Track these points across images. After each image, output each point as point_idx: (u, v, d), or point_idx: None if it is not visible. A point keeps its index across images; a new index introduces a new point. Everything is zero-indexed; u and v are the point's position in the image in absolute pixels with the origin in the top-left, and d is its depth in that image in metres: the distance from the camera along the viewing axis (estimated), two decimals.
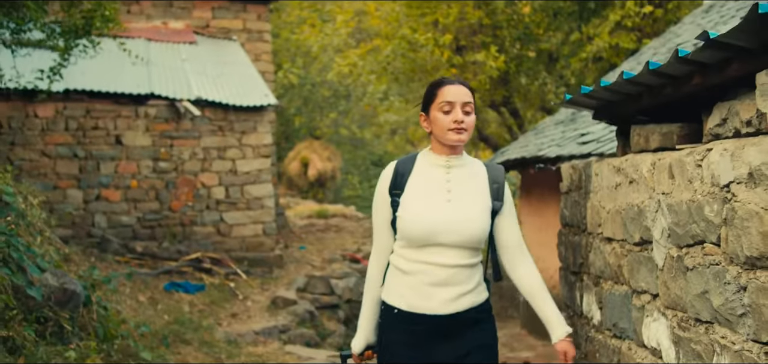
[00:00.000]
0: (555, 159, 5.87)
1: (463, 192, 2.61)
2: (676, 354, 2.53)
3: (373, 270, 2.75)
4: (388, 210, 2.64)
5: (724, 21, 6.92)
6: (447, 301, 2.54)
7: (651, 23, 10.37)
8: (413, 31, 11.51)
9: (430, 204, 2.56)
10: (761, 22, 1.81)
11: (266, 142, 9.87)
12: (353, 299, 9.48)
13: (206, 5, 12.38)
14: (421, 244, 2.54)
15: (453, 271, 2.55)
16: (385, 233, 2.68)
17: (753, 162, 1.99)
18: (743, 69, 2.09)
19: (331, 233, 13.62)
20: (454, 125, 2.50)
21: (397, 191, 2.61)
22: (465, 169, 2.67)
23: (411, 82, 12.69)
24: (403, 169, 2.64)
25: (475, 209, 2.60)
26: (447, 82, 2.60)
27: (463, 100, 2.53)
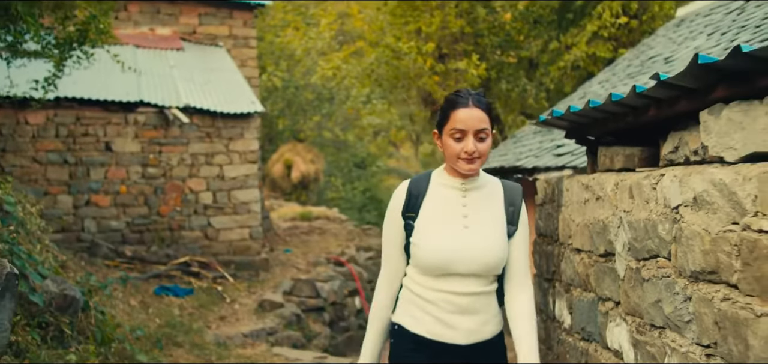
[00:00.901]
0: (532, 170, 6.17)
1: (481, 217, 2.44)
2: (635, 356, 2.82)
3: (382, 297, 2.56)
4: (401, 234, 2.47)
5: (693, 36, 7.26)
6: (469, 331, 2.39)
7: (627, 33, 10.73)
8: (397, 39, 11.79)
9: (447, 233, 2.39)
10: (700, 69, 2.10)
11: (253, 149, 10.09)
12: (338, 302, 9.74)
13: (193, 12, 12.57)
14: (438, 274, 2.39)
15: (472, 298, 2.40)
16: (397, 257, 2.51)
17: (697, 189, 2.28)
18: (690, 106, 2.38)
19: (315, 236, 13.84)
20: (464, 155, 2.33)
21: (411, 214, 2.44)
22: (482, 191, 2.50)
23: (394, 88, 12.97)
24: (418, 190, 2.46)
25: (493, 236, 2.43)
26: (460, 103, 2.35)
27: (476, 128, 2.32)
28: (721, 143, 2.20)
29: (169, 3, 12.35)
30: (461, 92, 2.40)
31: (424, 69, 11.41)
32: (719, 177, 2.13)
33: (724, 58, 1.98)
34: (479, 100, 2.37)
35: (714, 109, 2.25)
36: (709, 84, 2.21)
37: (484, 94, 2.43)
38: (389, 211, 2.51)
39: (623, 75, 7.88)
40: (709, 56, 2.09)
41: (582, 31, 10.85)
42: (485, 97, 2.41)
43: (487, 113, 2.36)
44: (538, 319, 4.34)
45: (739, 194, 2.04)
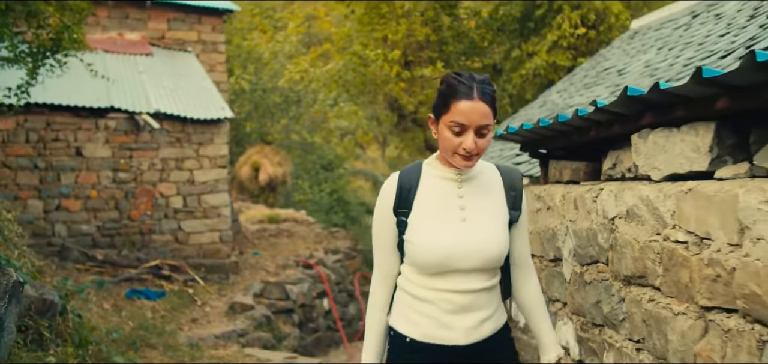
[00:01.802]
0: None
1: (479, 208, 2.23)
2: (579, 352, 3.13)
3: (378, 298, 2.37)
4: (393, 232, 2.25)
5: (644, 49, 7.64)
6: (469, 329, 2.20)
7: (585, 43, 11.13)
8: (364, 46, 12.06)
9: (444, 228, 2.18)
10: (629, 100, 2.41)
11: (223, 153, 10.28)
12: (307, 304, 9.98)
13: (161, 17, 12.68)
14: (436, 272, 2.19)
15: (473, 296, 2.21)
16: (390, 256, 2.31)
17: (629, 203, 2.59)
18: (623, 129, 2.69)
19: (283, 238, 14.03)
20: (462, 152, 2.09)
21: (403, 210, 2.22)
22: (479, 180, 2.27)
23: (361, 94, 13.24)
24: (409, 183, 2.25)
25: (494, 227, 2.22)
26: (462, 94, 2.05)
27: (478, 123, 2.06)
28: (648, 163, 2.52)
29: (138, 8, 12.45)
30: (464, 77, 2.09)
31: (391, 76, 11.69)
32: (646, 193, 2.45)
33: (647, 92, 2.29)
34: (484, 91, 2.08)
35: (642, 133, 2.57)
36: (637, 112, 2.52)
37: (489, 82, 2.14)
38: (378, 209, 2.31)
39: (580, 85, 8.25)
40: (636, 88, 2.40)
41: (543, 40, 11.23)
42: (491, 86, 2.13)
43: (491, 106, 2.10)
44: None
45: (660, 210, 2.36)
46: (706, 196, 2.07)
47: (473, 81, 2.08)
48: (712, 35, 5.88)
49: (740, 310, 1.91)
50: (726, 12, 6.50)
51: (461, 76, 2.11)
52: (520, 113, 9.70)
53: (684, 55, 5.89)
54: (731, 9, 6.44)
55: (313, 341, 9.77)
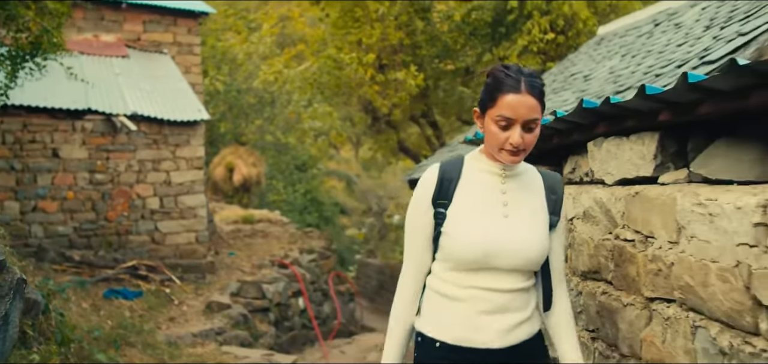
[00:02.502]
0: None
1: (522, 205, 2.16)
2: None
3: (405, 294, 2.26)
4: (430, 224, 2.17)
5: (609, 55, 7.95)
6: (503, 332, 2.09)
7: (554, 48, 11.45)
8: (338, 49, 12.26)
9: (485, 222, 2.10)
10: (585, 111, 2.65)
11: (199, 155, 10.42)
12: (282, 303, 10.16)
13: (137, 19, 12.76)
14: (473, 268, 2.10)
15: (510, 296, 2.11)
16: (424, 250, 2.21)
17: (585, 205, 2.83)
18: (581, 137, 2.94)
19: (258, 239, 14.17)
20: (509, 147, 2.03)
21: (443, 202, 2.14)
22: (522, 178, 2.21)
23: (336, 96, 13.44)
24: (450, 175, 2.17)
25: (536, 227, 2.15)
26: (510, 87, 2.00)
27: (525, 117, 2.00)
28: (602, 169, 2.77)
29: (114, 10, 12.51)
30: (511, 70, 2.04)
31: (365, 79, 11.90)
32: (600, 196, 2.69)
33: (600, 105, 2.54)
34: (532, 84, 2.02)
35: (597, 141, 2.81)
36: (592, 122, 2.77)
37: (538, 75, 2.08)
38: (415, 199, 2.21)
39: (549, 90, 8.54)
40: (591, 101, 2.64)
41: (514, 44, 11.52)
42: (539, 79, 2.07)
43: (540, 100, 2.04)
44: None
45: (612, 211, 2.60)
46: (650, 199, 2.31)
47: (521, 74, 2.02)
48: (671, 44, 6.18)
49: (677, 300, 2.16)
50: (685, 21, 6.82)
51: (509, 68, 2.04)
52: None
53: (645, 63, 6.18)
54: (690, 18, 6.76)
55: (288, 339, 9.96)
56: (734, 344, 1.86)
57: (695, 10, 6.95)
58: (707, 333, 2.00)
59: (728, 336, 1.89)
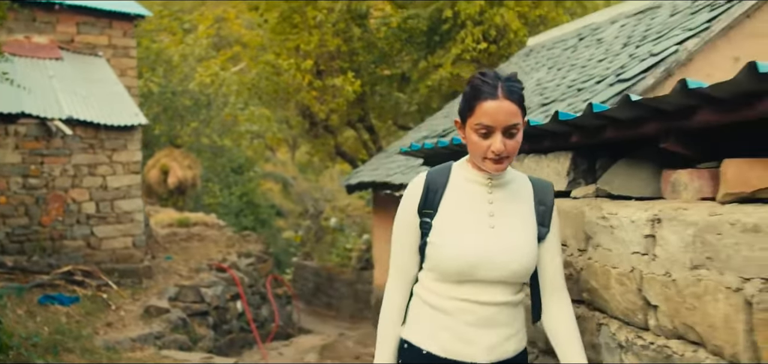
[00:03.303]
0: (399, 186, 7.02)
1: (509, 216, 2.13)
2: None
3: (393, 304, 2.23)
4: (416, 233, 2.16)
5: (537, 67, 8.39)
6: (492, 347, 2.08)
7: (487, 56, 11.90)
8: (277, 55, 12.42)
9: (470, 233, 2.08)
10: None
11: (136, 160, 10.40)
12: (221, 306, 10.25)
13: (70, 20, 12.59)
14: (459, 279, 2.08)
15: (496, 309, 2.09)
16: (410, 260, 2.19)
17: None
18: None
19: (194, 242, 14.13)
20: (491, 155, 2.00)
21: (428, 211, 2.13)
22: (509, 187, 2.18)
23: (274, 101, 13.58)
24: (436, 184, 2.15)
25: (523, 238, 2.12)
26: (487, 94, 1.97)
27: (505, 123, 1.97)
28: None
29: (46, 11, 12.32)
30: (488, 77, 2.01)
31: (303, 84, 12.11)
32: None
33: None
34: (510, 89, 1.99)
35: (520, 157, 3.11)
36: None
37: (516, 79, 2.05)
38: (402, 208, 2.20)
39: None
40: None
41: (448, 53, 11.91)
42: (518, 83, 2.04)
43: (519, 105, 2.01)
44: None
45: None
46: (564, 211, 2.61)
47: (498, 79, 1.99)
48: (592, 60, 6.63)
49: (585, 301, 2.47)
50: (606, 37, 7.28)
51: (485, 75, 2.01)
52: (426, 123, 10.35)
53: (569, 77, 6.61)
54: (610, 35, 7.23)
55: (227, 342, 10.05)
56: (629, 339, 2.16)
57: (615, 27, 7.43)
58: (608, 329, 2.30)
59: (625, 332, 2.20)
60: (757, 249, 1.64)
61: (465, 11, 11.32)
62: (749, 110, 1.74)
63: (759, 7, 4.93)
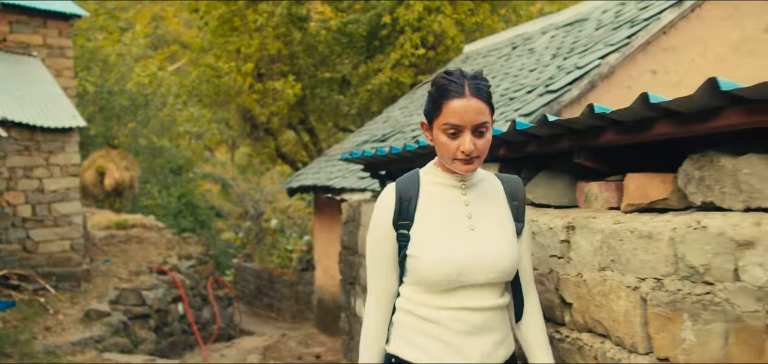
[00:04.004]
0: (340, 190, 7.22)
1: (486, 216, 2.08)
2: None
3: (374, 322, 2.14)
4: (393, 248, 2.06)
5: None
6: (484, 355, 2.02)
7: (425, 62, 12.19)
8: (217, 58, 12.45)
9: (452, 239, 2.01)
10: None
11: (74, 162, 10.31)
12: (162, 309, 10.25)
13: (3, 19, 12.34)
14: (446, 288, 2.00)
15: (488, 314, 2.03)
16: (388, 276, 2.10)
17: None
18: None
19: (133, 245, 14.01)
20: (461, 155, 1.94)
21: (405, 223, 2.04)
22: (482, 186, 2.13)
23: (215, 104, 13.59)
24: (408, 193, 2.07)
25: (504, 236, 2.07)
26: (454, 92, 1.91)
27: (474, 122, 1.91)
28: None
29: None
30: (454, 76, 1.95)
31: (244, 87, 12.17)
32: None
33: None
34: (477, 87, 1.94)
35: None
36: None
37: (482, 77, 1.99)
38: (375, 224, 2.11)
39: (418, 104, 9.19)
40: None
41: (387, 58, 12.16)
42: (484, 81, 1.99)
43: (487, 102, 1.96)
44: (344, 316, 5.36)
45: None
46: None
47: (464, 77, 1.94)
48: (524, 69, 6.96)
49: None
50: (537, 47, 7.64)
51: (451, 73, 1.96)
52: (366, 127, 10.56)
53: (502, 85, 6.93)
54: (541, 45, 7.59)
55: (168, 344, 10.06)
56: (549, 334, 2.42)
57: (546, 38, 7.79)
58: None
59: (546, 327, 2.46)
60: (650, 253, 1.91)
61: (404, 17, 11.58)
62: (645, 133, 2.01)
63: (674, 25, 5.32)
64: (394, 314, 2.12)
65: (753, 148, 1.75)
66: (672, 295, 1.82)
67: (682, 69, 5.40)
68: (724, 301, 1.65)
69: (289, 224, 18.57)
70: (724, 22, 5.49)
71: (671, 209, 2.05)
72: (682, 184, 1.97)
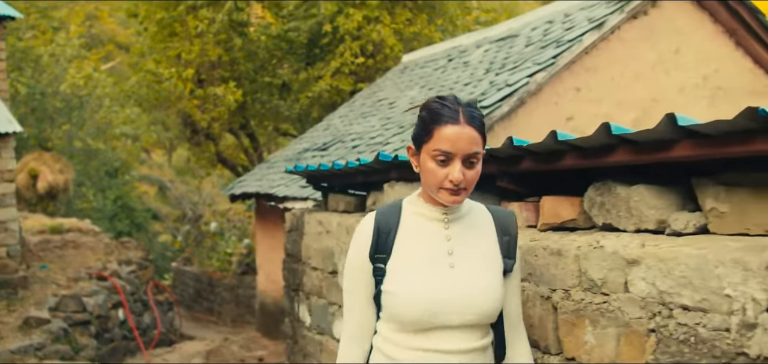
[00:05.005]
0: (282, 198, 7.44)
1: (470, 252, 1.95)
2: None
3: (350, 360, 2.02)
4: (369, 282, 1.96)
5: (411, 85, 9.02)
6: None
7: (364, 70, 12.48)
8: (157, 63, 12.46)
9: (429, 276, 1.89)
10: (380, 162, 3.44)
11: (10, 168, 10.20)
12: (103, 315, 10.24)
13: None
14: (419, 328, 1.88)
15: (464, 357, 1.90)
16: (364, 311, 1.99)
17: None
18: (379, 178, 3.75)
19: (70, 250, 13.83)
20: (449, 185, 1.82)
21: (381, 255, 1.93)
22: (467, 219, 2.00)
23: (155, 109, 13.57)
24: (387, 225, 1.97)
25: (487, 275, 1.94)
26: (448, 118, 1.81)
27: (466, 151, 1.81)
28: None
29: None
30: (448, 101, 1.87)
31: (185, 93, 12.22)
32: None
33: (392, 160, 3.35)
34: (472, 115, 1.85)
35: (392, 183, 3.63)
36: (386, 168, 3.58)
37: (476, 105, 1.92)
38: (352, 255, 2.01)
39: (358, 113, 9.47)
40: (385, 154, 3.45)
41: (327, 65, 12.40)
42: (478, 110, 1.90)
43: (480, 132, 1.86)
44: (287, 320, 5.59)
45: None
46: None
47: (458, 104, 1.85)
48: (459, 83, 7.31)
49: None
50: (471, 60, 8.01)
51: (445, 99, 1.88)
52: (307, 135, 10.78)
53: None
54: (475, 59, 7.96)
55: (110, 350, 10.07)
56: None
57: (480, 51, 8.17)
58: None
59: None
60: (559, 268, 2.23)
61: (344, 26, 11.84)
62: (556, 163, 2.33)
63: (595, 46, 5.74)
64: (372, 353, 1.99)
65: (644, 179, 2.08)
66: (577, 304, 2.15)
67: (603, 87, 5.82)
68: (617, 309, 1.98)
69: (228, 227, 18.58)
70: (641, 44, 5.94)
71: (580, 227, 2.38)
72: (587, 207, 2.30)
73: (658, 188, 2.04)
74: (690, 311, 1.73)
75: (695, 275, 1.70)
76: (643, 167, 2.10)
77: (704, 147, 1.76)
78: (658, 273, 1.83)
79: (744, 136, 1.64)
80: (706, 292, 1.67)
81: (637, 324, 1.91)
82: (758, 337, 1.53)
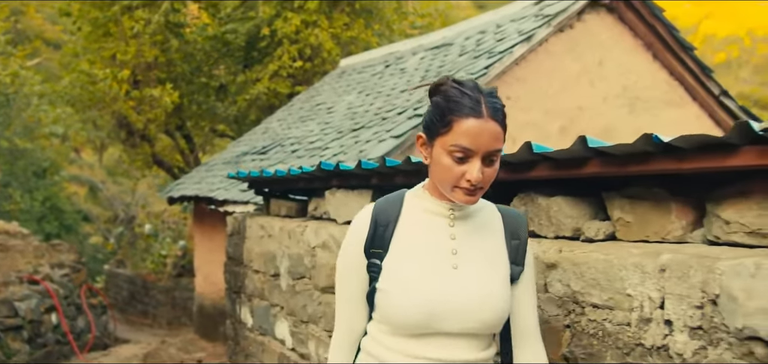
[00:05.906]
0: (223, 202, 7.52)
1: (475, 253, 1.77)
2: (292, 342, 4.32)
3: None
4: (363, 278, 1.80)
5: (348, 90, 9.21)
6: None
7: (302, 73, 12.60)
8: (91, 63, 12.28)
9: (428, 276, 1.71)
10: (322, 171, 3.63)
11: None
12: (36, 319, 10.06)
13: None
14: (415, 333, 1.70)
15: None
16: (356, 310, 1.83)
17: (323, 237, 3.83)
18: (322, 185, 3.93)
19: None
20: (466, 184, 1.64)
21: (377, 250, 1.76)
22: (475, 219, 1.82)
23: (88, 110, 13.37)
24: (386, 217, 1.78)
25: (493, 279, 1.76)
26: (469, 109, 1.61)
27: (488, 148, 1.62)
28: (336, 211, 3.78)
29: None
30: (467, 87, 1.65)
31: (120, 94, 12.09)
32: (333, 231, 3.70)
33: (334, 169, 3.54)
34: (495, 107, 1.64)
35: (332, 190, 3.82)
36: (328, 176, 3.77)
37: (497, 94, 1.69)
38: (345, 248, 1.85)
39: (297, 117, 9.60)
40: (327, 163, 3.64)
41: (265, 68, 12.48)
42: (500, 100, 1.69)
43: (503, 126, 1.66)
44: (229, 322, 5.70)
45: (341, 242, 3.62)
46: None
47: (480, 93, 1.64)
48: (396, 89, 7.54)
49: None
50: (408, 67, 8.25)
51: (464, 84, 1.66)
52: (245, 138, 10.84)
53: (376, 104, 7.47)
54: (411, 66, 8.21)
55: (43, 355, 9.90)
56: None
57: (416, 59, 8.43)
58: None
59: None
60: None
61: (282, 30, 11.94)
62: None
63: (524, 58, 6.05)
64: (358, 355, 1.85)
65: (562, 191, 2.34)
66: None
67: (532, 96, 6.14)
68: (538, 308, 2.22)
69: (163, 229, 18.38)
70: (566, 55, 6.29)
71: None
72: None
73: (574, 199, 2.29)
74: (599, 308, 1.98)
75: (603, 277, 1.96)
76: (561, 181, 2.35)
77: (611, 165, 2.01)
78: (572, 275, 2.08)
79: (643, 157, 1.90)
80: (612, 292, 1.92)
81: (555, 321, 2.16)
82: (653, 330, 1.79)
